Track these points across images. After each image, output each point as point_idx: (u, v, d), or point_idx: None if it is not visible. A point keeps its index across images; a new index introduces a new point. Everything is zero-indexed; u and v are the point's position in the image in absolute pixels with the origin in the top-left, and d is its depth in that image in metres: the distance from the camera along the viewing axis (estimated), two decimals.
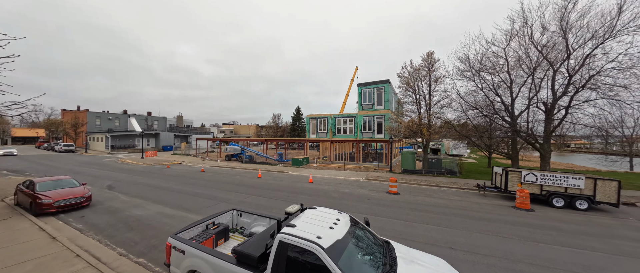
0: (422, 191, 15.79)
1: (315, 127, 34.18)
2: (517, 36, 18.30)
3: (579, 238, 8.57)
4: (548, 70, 17.82)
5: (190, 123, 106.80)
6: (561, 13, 16.25)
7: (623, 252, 7.63)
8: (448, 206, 12.45)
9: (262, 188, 16.60)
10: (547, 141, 18.12)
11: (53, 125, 60.95)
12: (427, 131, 22.97)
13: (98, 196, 13.82)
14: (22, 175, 21.60)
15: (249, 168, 26.42)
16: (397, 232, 8.96)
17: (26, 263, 6.56)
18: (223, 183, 18.13)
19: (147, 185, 17.19)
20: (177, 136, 65.17)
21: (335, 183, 18.56)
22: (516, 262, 6.89)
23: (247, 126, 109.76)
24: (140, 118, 64.84)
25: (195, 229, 6.26)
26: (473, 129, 24.20)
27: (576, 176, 12.48)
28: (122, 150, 50.91)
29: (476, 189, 15.88)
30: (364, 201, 13.19)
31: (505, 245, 7.95)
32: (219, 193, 15.08)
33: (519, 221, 10.22)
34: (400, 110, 32.19)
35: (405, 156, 24.63)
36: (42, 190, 11.10)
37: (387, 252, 5.05)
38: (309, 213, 5.38)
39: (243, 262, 4.56)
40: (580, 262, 6.95)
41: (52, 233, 8.52)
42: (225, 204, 12.53)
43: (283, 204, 12.52)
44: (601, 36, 15.29)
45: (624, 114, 16.50)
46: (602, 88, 15.87)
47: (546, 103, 18.06)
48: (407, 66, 24.39)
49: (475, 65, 20.46)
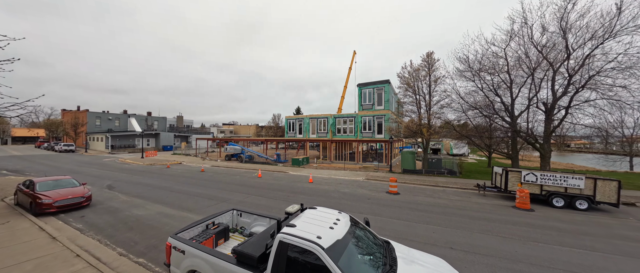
0: (422, 191, 15.79)
1: (315, 127, 34.20)
2: (517, 35, 18.32)
3: (579, 238, 8.57)
4: (548, 70, 17.83)
5: (190, 123, 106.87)
6: (561, 13, 16.26)
7: (623, 252, 7.64)
8: (448, 206, 12.46)
9: (262, 188, 16.60)
10: (547, 141, 18.12)
11: (53, 125, 60.95)
12: (427, 131, 22.98)
13: (98, 196, 13.82)
14: (22, 174, 21.60)
15: (248, 168, 26.43)
16: (397, 232, 8.96)
17: (26, 263, 6.56)
18: (223, 183, 18.13)
19: (147, 185, 17.19)
20: (177, 136, 65.18)
21: (335, 183, 18.56)
22: (516, 262, 6.89)
23: (247, 126, 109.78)
24: (140, 118, 64.85)
25: (195, 229, 6.27)
26: (473, 129, 24.21)
27: (576, 177, 12.49)
28: (122, 150, 50.91)
29: (476, 189, 15.89)
30: (364, 201, 13.20)
31: (505, 245, 7.95)
32: (219, 193, 15.08)
33: (519, 221, 10.23)
34: (400, 110, 32.21)
35: (405, 156, 24.64)
36: (42, 190, 11.10)
37: (387, 252, 5.05)
38: (309, 213, 5.39)
39: (243, 261, 4.56)
40: (580, 262, 6.96)
41: (52, 233, 8.52)
42: (225, 204, 12.53)
43: (283, 204, 12.52)
44: (601, 36, 15.30)
45: (623, 114, 16.50)
46: (601, 88, 15.87)
47: (546, 103, 18.06)
48: (407, 66, 24.42)
49: (475, 65, 20.47)
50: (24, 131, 78.05)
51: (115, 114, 62.74)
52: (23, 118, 15.38)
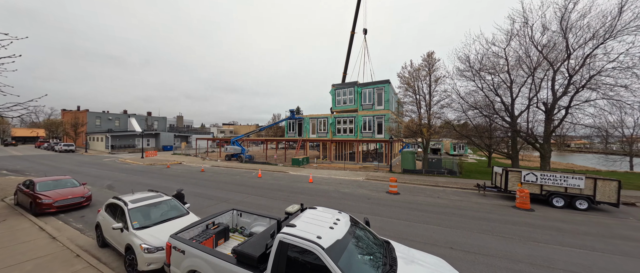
0: (422, 191, 15.79)
1: (316, 127, 34.19)
2: (518, 35, 18.31)
3: (579, 238, 8.57)
4: (548, 70, 17.82)
5: (190, 122, 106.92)
6: (562, 13, 16.25)
7: (623, 252, 7.63)
8: (448, 206, 12.45)
9: (262, 188, 16.60)
10: (547, 141, 18.11)
11: (53, 125, 60.97)
12: (427, 131, 22.97)
13: (98, 196, 13.81)
14: (22, 174, 21.60)
15: (248, 168, 26.43)
16: (397, 232, 8.96)
17: (26, 263, 6.56)
18: (223, 183, 18.13)
19: (147, 185, 17.18)
20: (177, 136, 65.16)
21: (336, 183, 18.56)
22: (516, 262, 6.89)
23: (247, 126, 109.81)
24: (140, 118, 64.84)
25: (195, 229, 6.27)
26: (473, 129, 24.20)
27: (576, 176, 12.48)
28: (122, 150, 50.91)
29: (476, 189, 15.88)
30: (364, 201, 13.19)
31: (506, 245, 7.95)
32: (219, 193, 15.08)
33: (519, 221, 10.22)
34: (400, 110, 32.20)
35: (405, 156, 24.63)
36: (42, 190, 11.10)
37: (387, 251, 5.05)
38: (309, 213, 5.39)
39: (243, 261, 4.56)
40: (580, 262, 6.95)
41: (52, 233, 8.52)
42: (225, 204, 12.53)
43: (283, 204, 12.53)
44: (602, 36, 15.29)
45: (624, 114, 16.49)
46: (602, 88, 15.86)
47: (546, 102, 18.06)
48: (407, 65, 24.40)
49: (475, 65, 20.47)
50: (24, 131, 78.10)
51: (115, 114, 62.74)
52: (23, 118, 15.40)
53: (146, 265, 5.87)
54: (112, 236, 7.05)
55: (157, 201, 7.73)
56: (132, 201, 7.32)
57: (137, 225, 6.62)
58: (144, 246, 5.96)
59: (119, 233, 6.66)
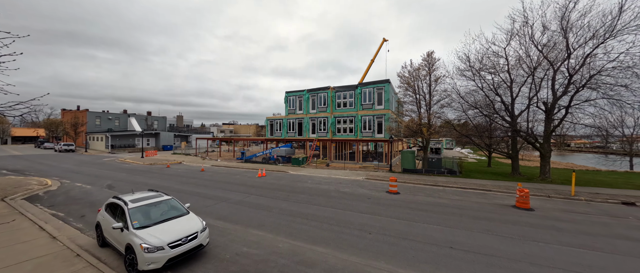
0: (422, 191, 15.79)
1: (316, 127, 34.19)
2: (518, 35, 18.31)
3: (579, 238, 8.57)
4: (548, 69, 17.82)
5: (190, 122, 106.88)
6: (562, 12, 16.24)
7: (623, 251, 7.63)
8: (448, 205, 12.46)
9: (263, 187, 16.60)
10: (547, 141, 18.12)
11: (53, 125, 60.88)
12: (427, 130, 22.96)
13: (98, 196, 13.82)
14: (22, 174, 21.56)
15: (248, 168, 26.43)
16: (397, 231, 8.96)
17: (26, 263, 6.56)
18: (223, 183, 18.13)
19: (147, 185, 17.19)
20: (177, 135, 65.12)
21: (336, 182, 18.56)
22: (516, 262, 6.89)
23: (247, 125, 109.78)
24: (140, 118, 64.85)
25: None
26: (473, 128, 24.20)
27: None
28: (122, 150, 50.90)
29: (476, 189, 15.83)
30: (364, 201, 13.19)
31: (505, 245, 7.95)
32: (219, 192, 15.08)
33: (519, 221, 10.22)
34: (400, 110, 32.20)
35: (405, 156, 24.63)
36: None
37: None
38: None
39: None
40: (580, 261, 6.95)
41: (53, 232, 8.53)
42: (225, 203, 12.54)
43: (283, 204, 12.54)
44: (602, 36, 15.29)
45: (624, 113, 16.50)
46: (602, 88, 15.86)
47: (546, 102, 18.06)
48: (407, 65, 24.38)
49: (475, 64, 20.47)
50: (24, 131, 78.05)
51: (115, 113, 62.73)
52: (24, 118, 15.39)
53: (146, 265, 5.89)
54: (112, 235, 7.07)
55: (157, 201, 7.76)
56: (132, 201, 7.35)
57: (137, 225, 6.63)
58: (144, 245, 5.98)
59: (119, 233, 6.67)
